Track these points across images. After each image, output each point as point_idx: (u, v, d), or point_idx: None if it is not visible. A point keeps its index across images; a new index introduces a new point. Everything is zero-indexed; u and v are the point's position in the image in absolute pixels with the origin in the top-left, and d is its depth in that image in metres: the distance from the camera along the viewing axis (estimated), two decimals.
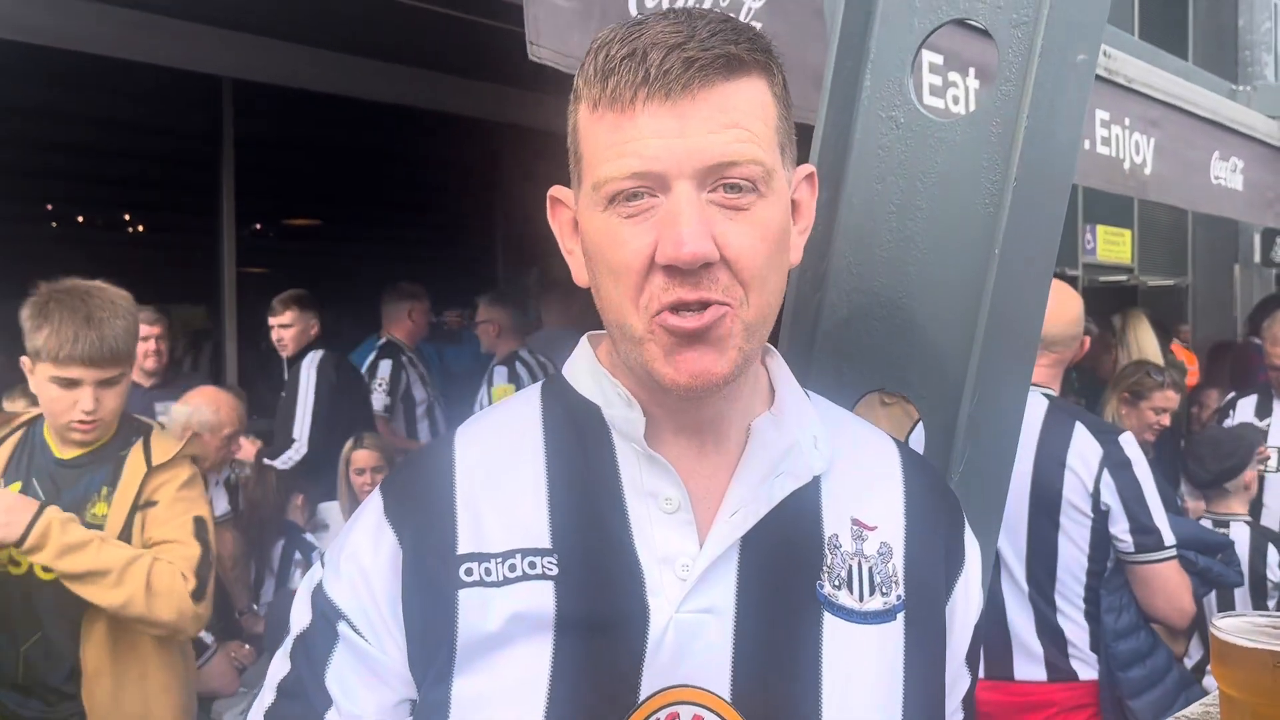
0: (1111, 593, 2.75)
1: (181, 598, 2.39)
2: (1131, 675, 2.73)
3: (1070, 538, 2.71)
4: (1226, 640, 1.05)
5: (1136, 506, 2.70)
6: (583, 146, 0.97)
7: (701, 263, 0.90)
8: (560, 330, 5.58)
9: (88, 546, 2.30)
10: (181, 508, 2.51)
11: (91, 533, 2.34)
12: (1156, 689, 2.75)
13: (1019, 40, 1.29)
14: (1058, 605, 2.73)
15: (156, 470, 2.51)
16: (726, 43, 0.92)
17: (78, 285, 2.49)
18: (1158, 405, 4.12)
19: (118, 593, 2.31)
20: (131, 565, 2.34)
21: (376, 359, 5.83)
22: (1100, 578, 2.74)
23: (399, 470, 1.10)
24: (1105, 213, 12.02)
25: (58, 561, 2.27)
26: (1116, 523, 2.69)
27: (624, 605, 0.96)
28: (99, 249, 6.15)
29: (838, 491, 1.05)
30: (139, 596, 2.32)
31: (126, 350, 2.47)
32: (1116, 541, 2.71)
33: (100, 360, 2.40)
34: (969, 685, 1.13)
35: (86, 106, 5.92)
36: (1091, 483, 2.68)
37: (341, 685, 0.99)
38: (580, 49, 2.28)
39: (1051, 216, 1.35)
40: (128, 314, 2.48)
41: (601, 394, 1.04)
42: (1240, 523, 3.53)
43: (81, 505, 2.45)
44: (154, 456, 2.53)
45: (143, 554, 2.39)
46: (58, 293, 2.45)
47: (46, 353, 2.39)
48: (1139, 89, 4.82)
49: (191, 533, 2.49)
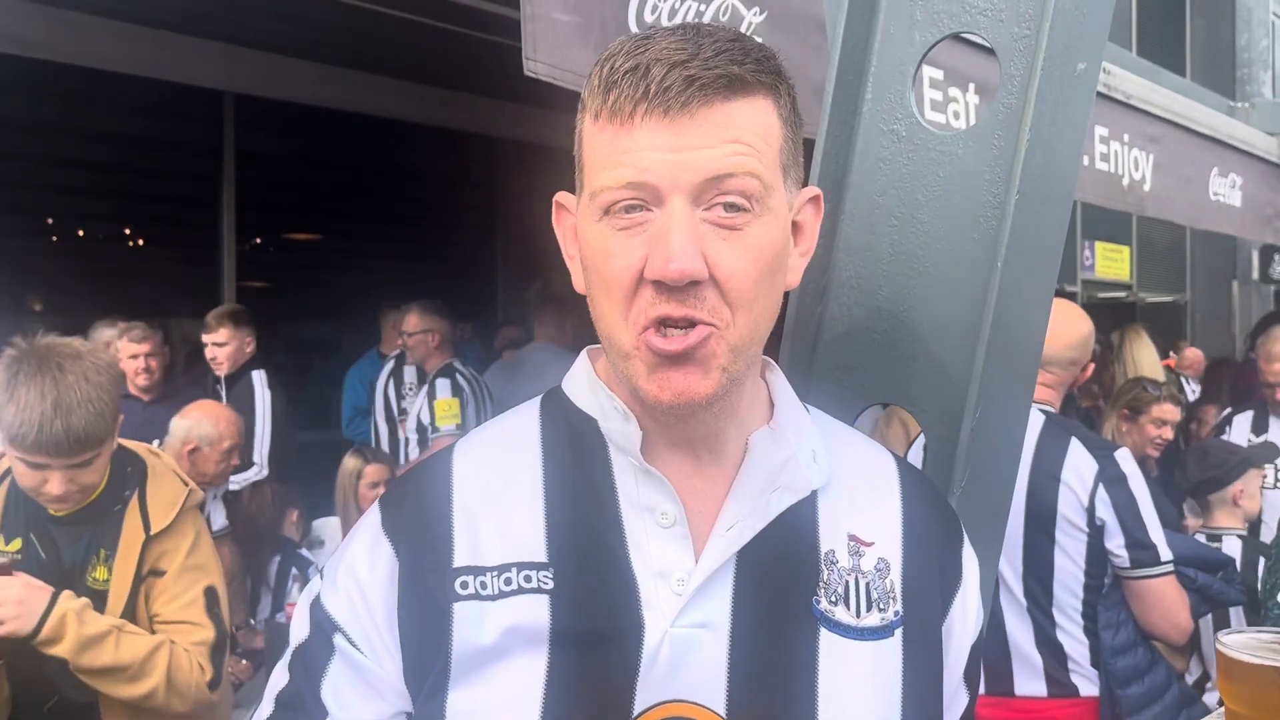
0: (1109, 609, 2.74)
1: (199, 688, 2.27)
2: (1130, 692, 2.71)
3: (1066, 553, 2.70)
4: (1233, 656, 1.04)
5: (1132, 522, 2.69)
6: (585, 155, 0.98)
7: (689, 280, 0.90)
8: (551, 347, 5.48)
9: (106, 640, 2.15)
10: (190, 579, 2.35)
11: (108, 621, 2.19)
12: (1156, 705, 2.74)
13: (1021, 53, 1.29)
14: (1056, 620, 2.72)
15: (157, 537, 2.33)
16: (731, 63, 0.92)
17: (53, 350, 2.20)
18: (1156, 418, 4.12)
19: (136, 687, 2.19)
20: (151, 658, 2.20)
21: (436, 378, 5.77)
22: (1098, 593, 2.73)
23: (397, 484, 1.10)
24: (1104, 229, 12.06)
25: (77, 657, 2.11)
26: (1112, 538, 2.68)
27: (619, 619, 0.95)
28: (100, 262, 6.17)
29: (835, 506, 1.04)
30: (159, 690, 2.20)
31: (100, 434, 2.21)
32: (1112, 557, 2.70)
33: (67, 451, 2.16)
34: (967, 703, 1.11)
35: (88, 120, 5.94)
36: (1087, 498, 2.68)
37: (337, 698, 0.99)
38: (577, 64, 2.29)
39: (1054, 229, 1.35)
40: (104, 391, 2.20)
41: (599, 407, 1.03)
42: (1233, 536, 3.52)
43: (82, 570, 2.29)
44: (152, 521, 2.34)
45: (162, 644, 2.24)
46: (29, 361, 2.16)
47: (10, 433, 2.14)
48: (1138, 105, 4.84)
49: (204, 609, 2.34)
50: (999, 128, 1.30)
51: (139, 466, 2.41)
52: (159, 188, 6.43)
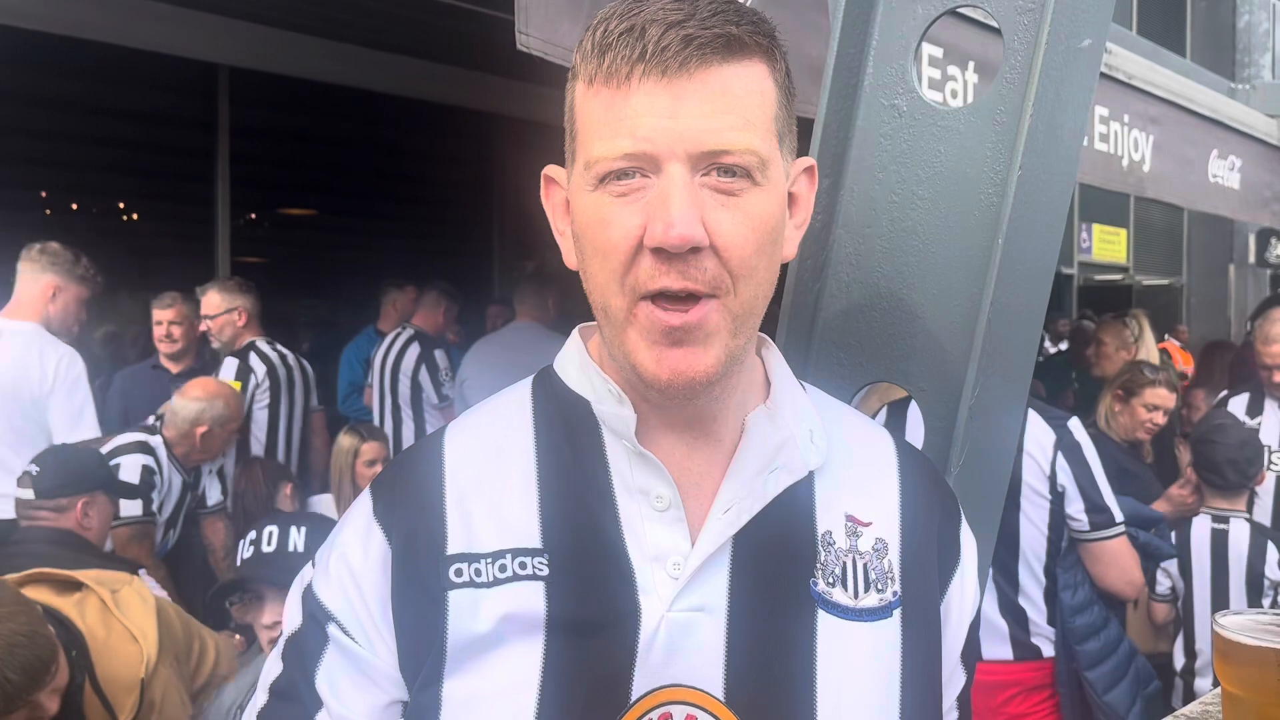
0: (1066, 570, 2.88)
1: None
2: (1088, 648, 2.87)
3: (1031, 520, 2.83)
4: (1231, 638, 1.04)
5: (1089, 487, 2.83)
6: (577, 123, 0.96)
7: (690, 246, 0.88)
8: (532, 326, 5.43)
9: None
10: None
11: None
12: (1110, 660, 2.90)
13: (1025, 28, 1.27)
14: (1021, 586, 2.86)
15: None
16: (727, 23, 0.91)
17: None
18: (1148, 402, 4.13)
19: None
20: None
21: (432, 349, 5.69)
22: (1055, 558, 2.88)
23: (388, 469, 1.09)
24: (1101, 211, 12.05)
25: None
26: (1072, 503, 2.83)
27: (615, 605, 0.95)
28: (93, 237, 6.13)
29: (832, 487, 1.03)
30: None
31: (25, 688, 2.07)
32: (1072, 521, 2.84)
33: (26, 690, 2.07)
34: (964, 683, 1.11)
35: (81, 94, 5.89)
36: (1048, 466, 2.80)
37: (332, 686, 0.98)
38: (571, 39, 2.26)
39: (1055, 206, 1.33)
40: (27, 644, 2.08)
41: (592, 389, 1.02)
42: (1240, 519, 3.52)
43: None
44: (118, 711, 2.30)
45: None
46: None
47: None
48: (1139, 85, 4.82)
49: None
50: (1001, 104, 1.29)
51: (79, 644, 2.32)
52: (153, 162, 6.38)
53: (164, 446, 3.83)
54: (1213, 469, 3.55)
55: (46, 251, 4.06)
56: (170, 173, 6.52)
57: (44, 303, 4.01)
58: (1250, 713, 1.04)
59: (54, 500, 3.04)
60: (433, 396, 5.63)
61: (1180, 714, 1.30)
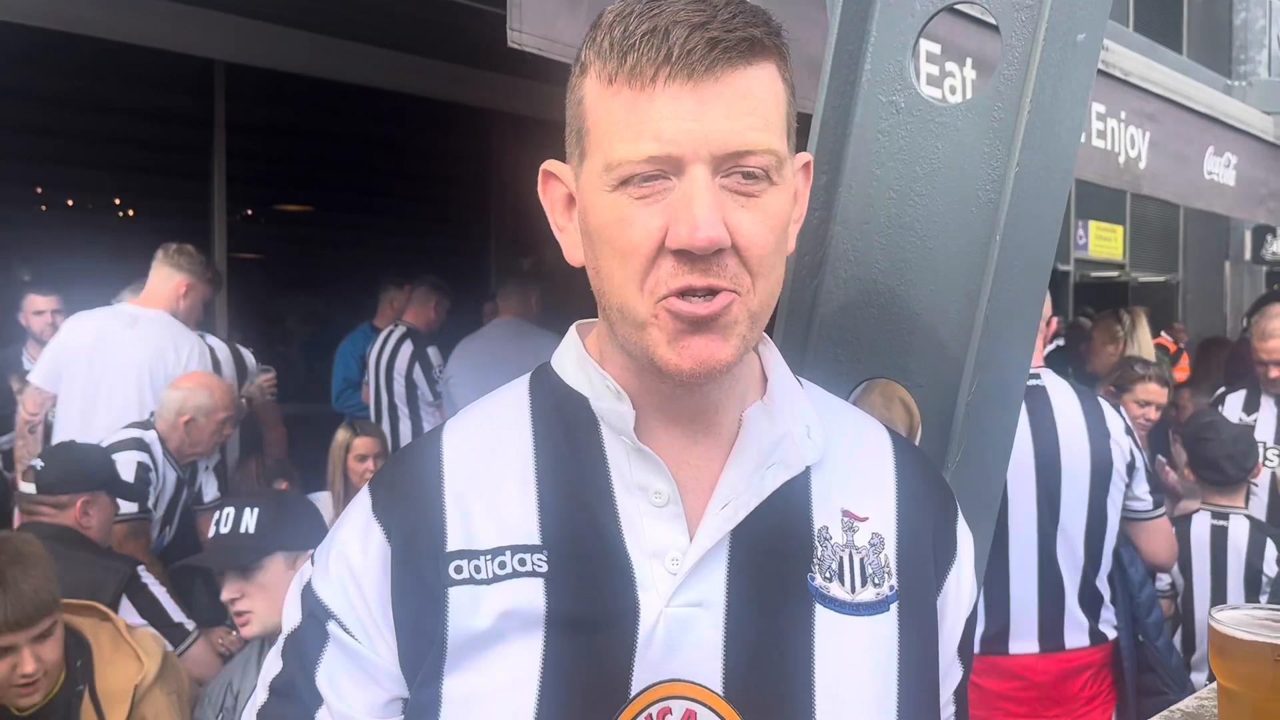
0: (1124, 546, 3.02)
1: None
2: (1154, 618, 3.06)
3: (1115, 504, 2.93)
4: (1226, 633, 1.04)
5: (1150, 466, 2.99)
6: (590, 121, 0.95)
7: (715, 248, 0.89)
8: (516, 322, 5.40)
9: None
10: None
11: None
12: (1166, 628, 3.12)
13: (1022, 24, 1.28)
14: (1101, 569, 2.94)
15: None
16: (748, 25, 0.91)
17: None
18: (1140, 397, 4.14)
19: None
20: None
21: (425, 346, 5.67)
22: (1116, 537, 2.99)
23: (387, 466, 1.09)
24: (1097, 208, 12.05)
25: None
26: (1140, 484, 2.95)
27: (614, 601, 0.95)
28: (88, 233, 6.11)
29: (829, 482, 1.03)
30: None
31: (50, 599, 2.32)
32: (1136, 502, 2.96)
33: (26, 620, 2.26)
34: (961, 677, 1.11)
35: (77, 89, 5.87)
36: (1127, 450, 2.92)
37: (332, 684, 0.98)
38: (570, 34, 2.25)
39: (1054, 203, 1.33)
40: (39, 560, 2.33)
41: (590, 385, 1.02)
42: (1240, 516, 3.53)
43: None
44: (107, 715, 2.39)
45: None
46: None
47: None
48: (1136, 82, 4.82)
49: None
50: (999, 99, 1.29)
51: (85, 655, 2.45)
52: (149, 158, 6.36)
53: (159, 442, 3.82)
54: (1210, 465, 3.56)
55: (183, 253, 4.46)
56: (166, 169, 6.50)
57: (175, 297, 4.40)
58: (1246, 707, 1.04)
59: (54, 497, 3.04)
60: (428, 394, 5.63)
61: (1176, 709, 1.30)
